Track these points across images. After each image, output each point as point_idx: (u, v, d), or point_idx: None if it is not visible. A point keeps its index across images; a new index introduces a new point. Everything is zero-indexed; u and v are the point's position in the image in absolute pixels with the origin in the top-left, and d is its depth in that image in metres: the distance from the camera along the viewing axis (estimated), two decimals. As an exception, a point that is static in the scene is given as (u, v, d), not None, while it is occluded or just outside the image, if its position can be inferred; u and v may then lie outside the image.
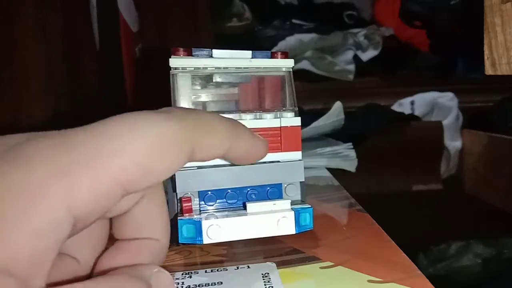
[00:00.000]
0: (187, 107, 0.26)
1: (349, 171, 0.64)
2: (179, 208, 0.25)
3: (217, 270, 0.22)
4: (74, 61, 0.80)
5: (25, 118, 0.70)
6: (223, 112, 0.25)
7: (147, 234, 0.19)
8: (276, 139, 0.26)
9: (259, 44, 1.19)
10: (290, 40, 1.21)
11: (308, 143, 0.67)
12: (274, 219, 0.23)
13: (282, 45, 1.20)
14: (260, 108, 0.27)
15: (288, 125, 0.26)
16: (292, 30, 1.25)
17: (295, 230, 0.23)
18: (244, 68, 0.26)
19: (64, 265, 0.18)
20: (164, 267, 0.23)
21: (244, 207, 0.24)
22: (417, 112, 1.19)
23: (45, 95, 0.69)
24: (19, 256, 0.13)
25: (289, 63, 0.27)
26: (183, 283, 0.21)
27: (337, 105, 0.76)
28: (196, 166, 0.25)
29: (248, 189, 0.26)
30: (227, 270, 0.22)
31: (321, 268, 0.22)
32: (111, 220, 0.19)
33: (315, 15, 1.29)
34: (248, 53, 0.26)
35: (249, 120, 0.26)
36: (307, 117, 0.71)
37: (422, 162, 1.09)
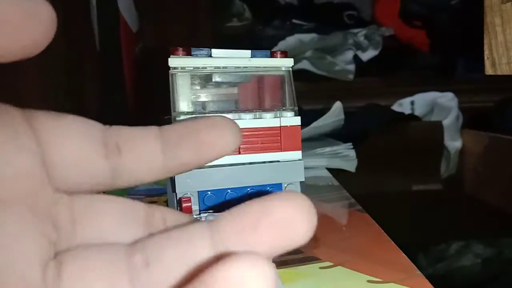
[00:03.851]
0: (186, 107, 0.26)
1: (349, 171, 0.64)
2: (178, 208, 0.25)
3: (217, 270, 0.22)
4: (74, 61, 0.80)
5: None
6: (223, 112, 0.25)
7: None
8: (276, 139, 0.26)
9: (259, 44, 1.18)
10: (290, 40, 1.21)
11: (308, 143, 0.67)
12: (273, 219, 0.23)
13: (282, 45, 1.20)
14: (259, 107, 0.27)
15: (288, 124, 0.26)
16: (292, 30, 1.25)
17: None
18: (244, 67, 0.26)
19: None
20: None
21: (244, 207, 0.24)
22: (417, 112, 1.19)
23: (45, 95, 0.69)
24: None
25: (288, 62, 0.27)
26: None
27: (337, 105, 0.76)
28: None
29: (248, 189, 0.26)
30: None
31: (321, 268, 0.22)
32: None
33: (315, 15, 1.29)
34: (248, 52, 0.26)
35: (248, 120, 0.26)
36: (307, 117, 0.71)
37: (422, 162, 1.09)
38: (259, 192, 0.26)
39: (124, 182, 0.16)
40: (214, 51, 0.26)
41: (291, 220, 0.12)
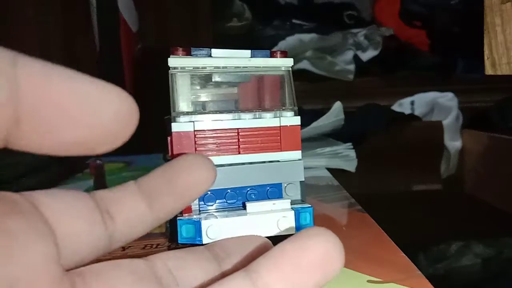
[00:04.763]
0: (186, 107, 0.26)
1: (349, 171, 0.64)
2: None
3: (217, 270, 0.22)
4: (74, 61, 0.80)
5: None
6: (222, 112, 0.25)
7: None
8: (276, 139, 0.26)
9: (259, 44, 1.18)
10: (290, 40, 1.21)
11: (308, 143, 0.67)
12: (274, 219, 0.23)
13: (282, 45, 1.20)
14: (259, 107, 0.27)
15: (288, 124, 0.26)
16: (292, 30, 1.25)
17: (295, 230, 0.23)
18: (243, 67, 0.26)
19: None
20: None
21: (244, 207, 0.24)
22: (417, 112, 1.19)
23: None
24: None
25: (288, 62, 0.27)
26: (182, 283, 0.21)
27: (337, 105, 0.76)
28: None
29: (248, 189, 0.26)
30: (226, 270, 0.22)
31: (321, 268, 0.22)
32: None
33: (315, 15, 1.29)
34: (247, 52, 0.26)
35: (248, 120, 0.26)
36: (307, 117, 0.71)
37: (422, 162, 1.09)
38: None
39: (120, 243, 0.16)
40: (214, 51, 0.26)
41: (328, 255, 0.13)
